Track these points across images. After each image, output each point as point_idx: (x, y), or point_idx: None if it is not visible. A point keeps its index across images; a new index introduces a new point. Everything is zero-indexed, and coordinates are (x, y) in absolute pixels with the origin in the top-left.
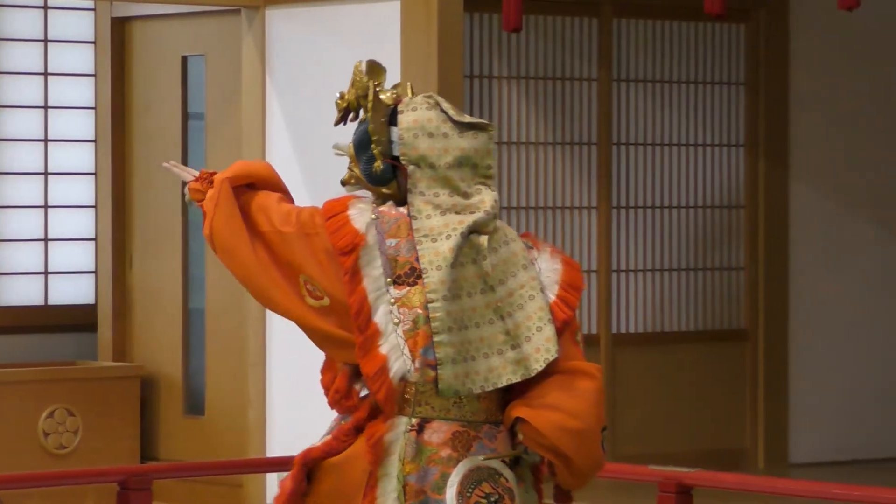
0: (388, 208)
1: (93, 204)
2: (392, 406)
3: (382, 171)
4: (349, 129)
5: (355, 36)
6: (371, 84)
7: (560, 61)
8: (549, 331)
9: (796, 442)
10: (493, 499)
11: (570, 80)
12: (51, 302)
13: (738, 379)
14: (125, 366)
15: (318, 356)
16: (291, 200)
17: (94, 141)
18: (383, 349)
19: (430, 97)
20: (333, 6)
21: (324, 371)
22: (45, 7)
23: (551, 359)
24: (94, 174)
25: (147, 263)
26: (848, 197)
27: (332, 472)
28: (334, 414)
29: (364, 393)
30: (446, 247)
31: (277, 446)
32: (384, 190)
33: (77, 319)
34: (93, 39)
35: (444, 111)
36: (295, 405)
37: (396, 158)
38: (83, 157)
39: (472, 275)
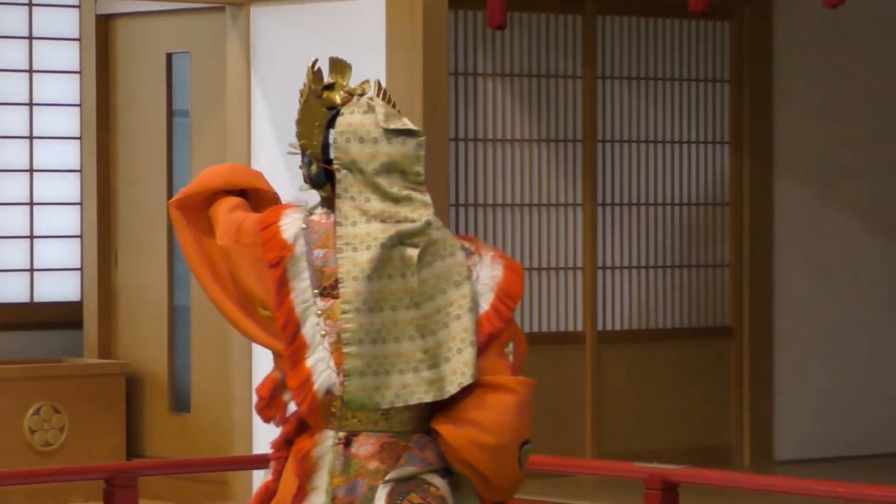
0: (320, 217)
1: (78, 201)
2: (317, 419)
3: (316, 174)
4: None
5: (340, 33)
6: (308, 84)
7: (545, 58)
8: (468, 354)
9: (781, 439)
10: None
11: (555, 77)
12: (36, 299)
13: (722, 376)
14: (111, 363)
15: None
16: (269, 199)
17: (80, 138)
18: (309, 362)
19: (371, 100)
20: (318, 3)
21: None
22: (30, 4)
23: (466, 383)
24: (80, 171)
25: (132, 260)
26: (832, 194)
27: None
28: None
29: (293, 406)
30: (365, 257)
31: (263, 444)
32: (322, 193)
33: (63, 316)
34: (77, 36)
35: (376, 115)
36: None
37: (331, 162)
38: (68, 154)
39: (399, 289)
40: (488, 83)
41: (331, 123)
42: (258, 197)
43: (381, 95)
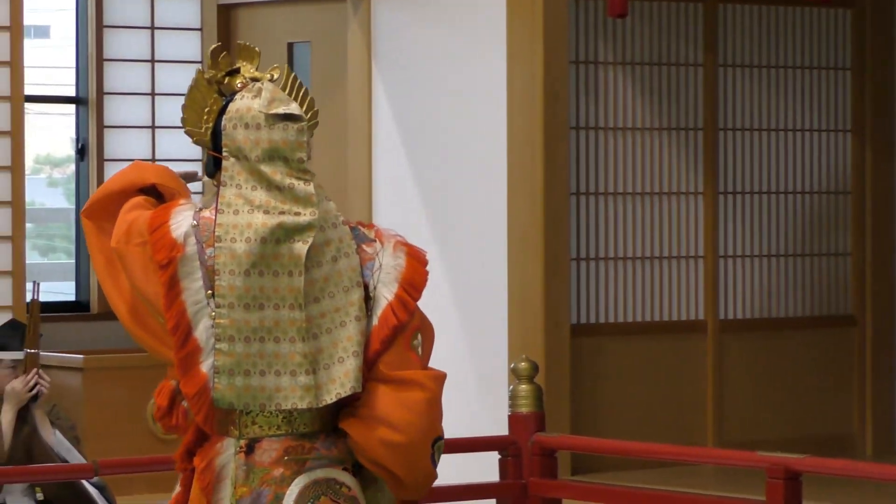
0: (210, 213)
1: (199, 191)
2: (216, 427)
3: (206, 162)
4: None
5: (461, 22)
6: (199, 70)
7: (666, 46)
8: (350, 364)
9: None
10: None
11: (676, 66)
12: None
13: (845, 364)
14: None
15: None
16: (176, 193)
17: None
18: (204, 367)
19: (262, 84)
20: None
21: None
22: None
23: (344, 395)
24: (201, 160)
25: None
26: None
27: None
28: None
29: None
30: (243, 250)
31: None
32: (213, 182)
33: None
34: (199, 26)
35: (262, 100)
36: None
37: (221, 150)
38: (190, 143)
39: (284, 287)
40: (609, 72)
41: (223, 110)
42: (170, 194)
43: (288, 83)
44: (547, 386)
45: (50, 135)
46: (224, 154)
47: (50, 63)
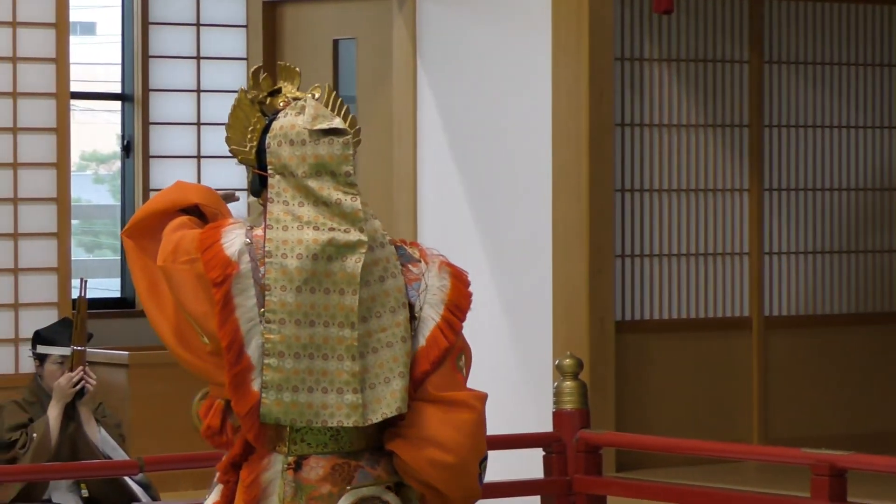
0: (262, 231)
1: (244, 187)
2: (264, 444)
3: (252, 181)
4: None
5: (506, 19)
6: (241, 90)
7: (711, 43)
8: (397, 384)
9: None
10: None
11: (722, 62)
12: None
13: (891, 361)
14: None
15: (470, 337)
16: (219, 214)
17: None
18: (255, 385)
19: (305, 101)
20: None
21: (204, 404)
22: None
23: (390, 414)
24: (247, 178)
25: None
26: None
27: None
28: None
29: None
30: (294, 266)
31: None
32: (259, 202)
33: None
34: (245, 23)
35: (305, 117)
36: None
37: (266, 168)
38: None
39: (334, 305)
40: (654, 68)
41: (267, 128)
42: (213, 214)
43: (329, 101)
44: (592, 383)
45: (95, 131)
46: (269, 172)
47: (96, 60)
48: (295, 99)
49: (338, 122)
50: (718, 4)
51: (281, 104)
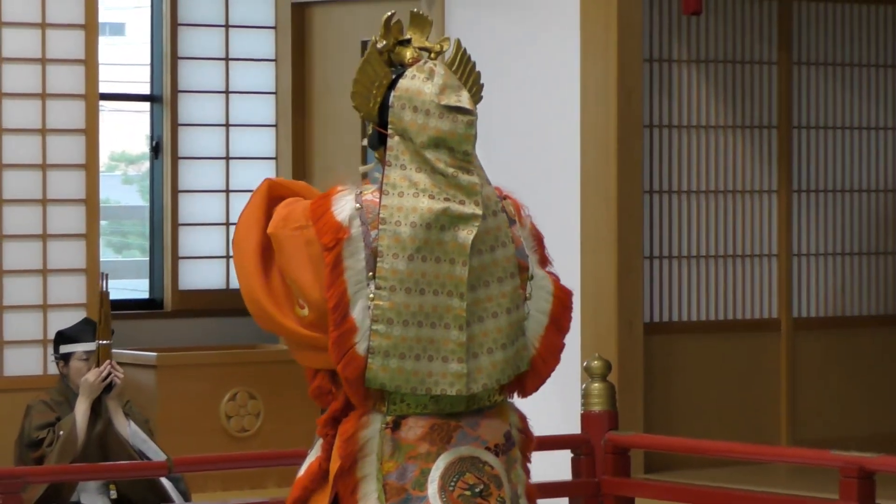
0: (373, 196)
1: None
2: (366, 404)
3: (371, 135)
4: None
5: (535, 18)
6: (373, 42)
7: (740, 44)
8: (499, 356)
9: None
10: (477, 489)
11: (750, 63)
12: (233, 285)
13: None
14: None
15: None
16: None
17: (275, 126)
18: (360, 349)
19: (435, 65)
20: None
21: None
22: None
23: (491, 386)
24: (275, 159)
25: None
26: None
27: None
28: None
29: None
30: (408, 234)
31: None
32: (376, 155)
33: None
34: (273, 24)
35: (433, 86)
36: None
37: (387, 125)
38: (264, 141)
39: (445, 274)
40: (683, 69)
41: (393, 84)
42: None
43: (457, 58)
44: (620, 384)
45: (124, 132)
46: (390, 132)
47: (125, 61)
48: (423, 49)
49: (465, 99)
50: (747, 6)
51: (409, 56)
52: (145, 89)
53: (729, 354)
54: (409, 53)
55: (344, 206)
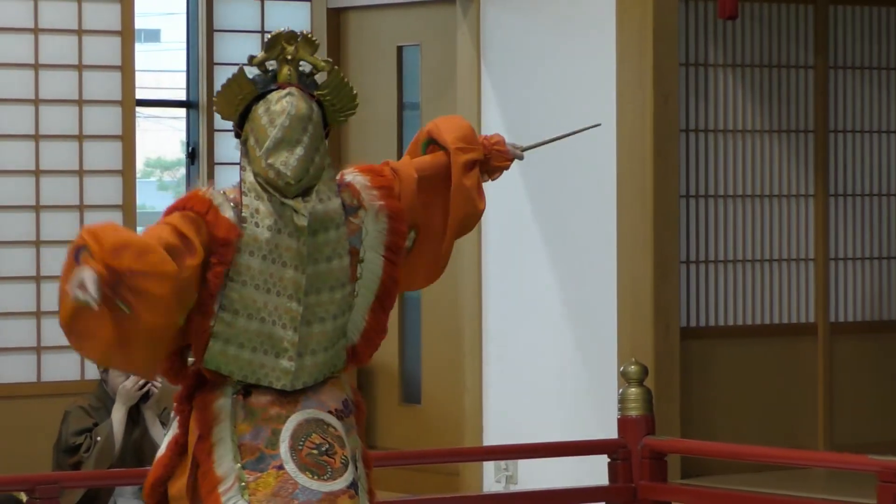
0: (235, 194)
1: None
2: (218, 376)
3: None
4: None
5: (571, 24)
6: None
7: (776, 48)
8: (321, 357)
9: None
10: (323, 448)
11: (787, 68)
12: None
13: None
14: None
15: (535, 344)
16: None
17: None
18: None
19: (288, 105)
20: None
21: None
22: None
23: (309, 384)
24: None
25: None
26: None
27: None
28: (550, 400)
29: (191, 360)
30: (264, 237)
31: (494, 434)
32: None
33: None
34: (309, 30)
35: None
36: (512, 393)
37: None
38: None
39: (288, 278)
40: (719, 73)
41: (261, 97)
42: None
43: (332, 82)
44: (656, 389)
45: (160, 138)
46: (243, 138)
47: (161, 67)
48: (306, 63)
49: (293, 160)
50: (783, 10)
51: (284, 74)
52: (181, 95)
53: (766, 359)
54: (285, 70)
55: (222, 205)
